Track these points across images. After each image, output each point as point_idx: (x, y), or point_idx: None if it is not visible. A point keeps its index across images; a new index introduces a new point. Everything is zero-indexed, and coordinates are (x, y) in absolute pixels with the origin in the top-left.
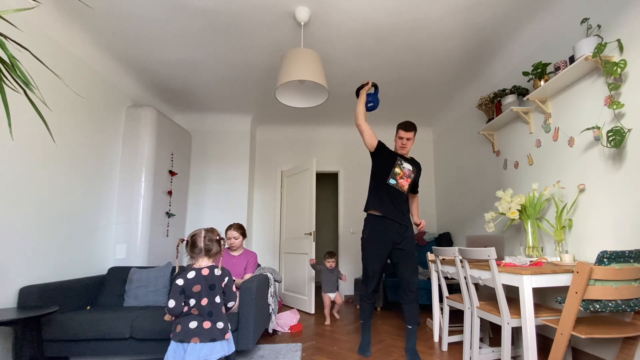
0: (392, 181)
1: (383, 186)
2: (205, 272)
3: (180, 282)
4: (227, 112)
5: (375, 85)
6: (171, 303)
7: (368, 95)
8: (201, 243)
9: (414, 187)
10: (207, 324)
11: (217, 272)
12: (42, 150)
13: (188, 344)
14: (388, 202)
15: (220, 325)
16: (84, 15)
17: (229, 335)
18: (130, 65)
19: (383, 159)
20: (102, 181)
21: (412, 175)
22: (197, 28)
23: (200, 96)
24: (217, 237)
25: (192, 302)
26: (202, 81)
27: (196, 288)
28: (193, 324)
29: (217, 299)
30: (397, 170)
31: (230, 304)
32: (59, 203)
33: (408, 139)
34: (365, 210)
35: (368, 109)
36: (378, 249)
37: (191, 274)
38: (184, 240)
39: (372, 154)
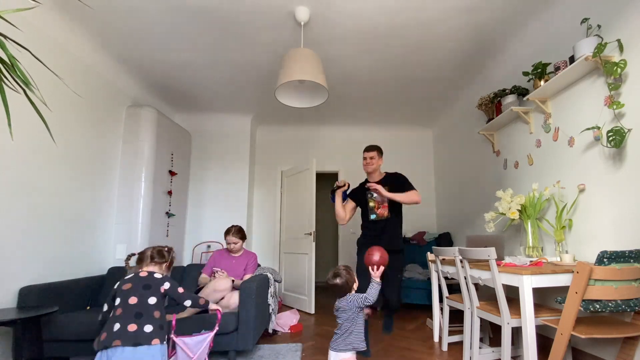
0: (372, 217)
1: (367, 223)
2: (143, 274)
3: (116, 284)
4: (227, 112)
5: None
6: (104, 307)
7: (343, 193)
8: (148, 252)
9: (401, 190)
10: (132, 327)
11: (157, 275)
12: (42, 150)
13: (111, 348)
14: (372, 236)
15: (148, 328)
16: (84, 15)
17: (157, 341)
18: (130, 65)
19: (357, 200)
20: (102, 181)
21: (385, 199)
22: (197, 28)
23: (200, 96)
24: (166, 249)
25: (117, 301)
26: (202, 81)
27: (126, 286)
28: (116, 326)
29: (151, 300)
30: (371, 204)
31: (187, 303)
32: (59, 203)
33: (372, 158)
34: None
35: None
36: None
37: (128, 276)
38: (134, 254)
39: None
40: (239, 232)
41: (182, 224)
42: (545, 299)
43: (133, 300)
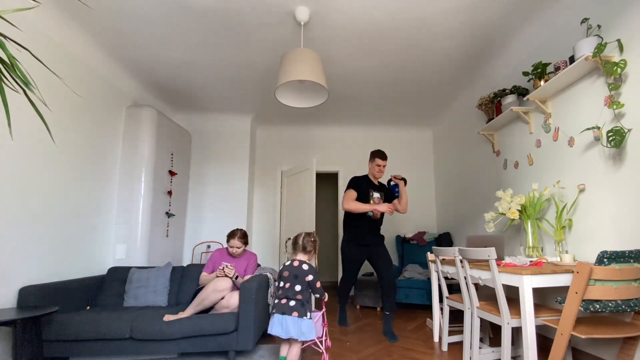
0: (369, 214)
1: (362, 221)
2: (295, 263)
3: (280, 268)
4: (227, 112)
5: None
6: (275, 284)
7: (394, 187)
8: (300, 241)
9: (390, 195)
10: (284, 301)
11: (305, 267)
12: (41, 150)
13: (278, 314)
14: (363, 232)
15: (292, 303)
16: (84, 15)
17: (295, 314)
18: (130, 65)
19: (361, 193)
20: (102, 181)
21: (382, 200)
22: (197, 28)
23: (200, 96)
24: (312, 239)
25: (281, 284)
26: (202, 81)
27: (285, 274)
28: (283, 301)
29: (297, 288)
30: (370, 202)
31: (316, 296)
32: (59, 203)
33: (384, 166)
34: (344, 234)
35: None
36: (355, 254)
37: (287, 263)
38: (289, 239)
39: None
40: (243, 237)
41: (182, 224)
42: (545, 299)
43: (287, 285)
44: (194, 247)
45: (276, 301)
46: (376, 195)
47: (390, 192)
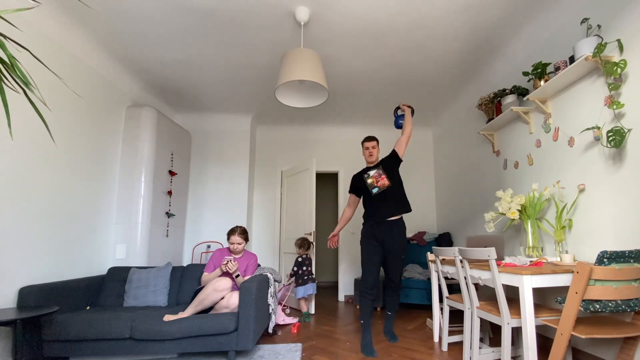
0: (374, 191)
1: (370, 202)
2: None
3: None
4: (227, 112)
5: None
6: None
7: (401, 116)
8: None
9: (395, 161)
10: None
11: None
12: (41, 151)
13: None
14: (374, 210)
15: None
16: (84, 15)
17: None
18: (130, 65)
19: (358, 190)
20: (102, 181)
21: (382, 171)
22: (197, 28)
23: (200, 96)
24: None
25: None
26: (202, 81)
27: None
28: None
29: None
30: (369, 181)
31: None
32: (58, 203)
33: (373, 147)
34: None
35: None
36: (369, 247)
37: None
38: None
39: (356, 195)
40: (243, 233)
41: (182, 224)
42: (545, 299)
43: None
44: (194, 247)
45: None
46: (372, 172)
47: (390, 157)
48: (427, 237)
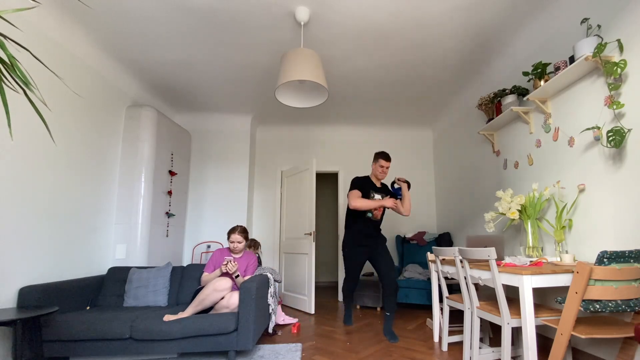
0: (369, 214)
1: (363, 219)
2: None
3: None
4: (227, 112)
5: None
6: None
7: (398, 190)
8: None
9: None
10: None
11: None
12: (41, 150)
13: None
14: (365, 234)
15: None
16: (84, 15)
17: None
18: (130, 65)
19: (365, 190)
20: (102, 181)
21: (384, 209)
22: (197, 28)
23: (200, 96)
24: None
25: None
26: (202, 81)
27: None
28: None
29: None
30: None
31: None
32: (58, 203)
33: (387, 168)
34: (345, 235)
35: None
36: (357, 249)
37: None
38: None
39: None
40: (243, 232)
41: (182, 224)
42: (545, 299)
43: None
44: (194, 247)
45: None
46: (377, 196)
47: (392, 194)
48: (427, 237)
